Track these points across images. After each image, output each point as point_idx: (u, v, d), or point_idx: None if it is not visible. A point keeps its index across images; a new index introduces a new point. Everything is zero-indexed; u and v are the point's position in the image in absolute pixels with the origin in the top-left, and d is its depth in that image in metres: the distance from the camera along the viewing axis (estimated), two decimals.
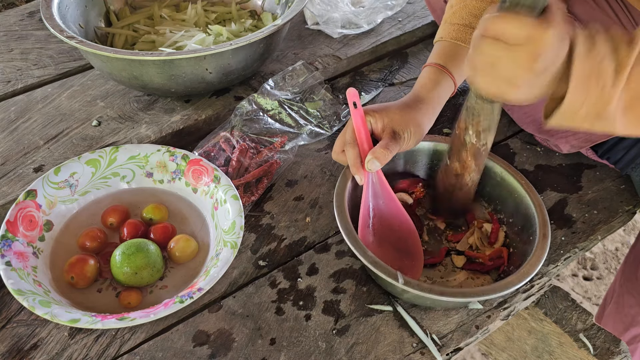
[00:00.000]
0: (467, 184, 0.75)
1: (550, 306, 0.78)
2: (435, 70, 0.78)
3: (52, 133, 0.93)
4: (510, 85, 0.55)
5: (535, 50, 0.52)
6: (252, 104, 0.97)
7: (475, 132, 0.68)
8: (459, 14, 0.80)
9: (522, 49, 0.52)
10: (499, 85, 0.56)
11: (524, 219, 0.75)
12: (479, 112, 0.66)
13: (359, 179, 0.73)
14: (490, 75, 0.56)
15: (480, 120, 0.66)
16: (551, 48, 0.52)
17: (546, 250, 0.69)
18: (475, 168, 0.73)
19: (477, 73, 0.57)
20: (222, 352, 0.68)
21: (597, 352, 0.74)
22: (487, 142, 0.70)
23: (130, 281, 0.71)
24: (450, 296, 0.64)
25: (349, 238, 0.69)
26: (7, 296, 0.73)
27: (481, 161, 0.73)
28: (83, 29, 1.03)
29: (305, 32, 1.17)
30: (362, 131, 0.72)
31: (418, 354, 0.69)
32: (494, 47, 0.53)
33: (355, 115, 0.72)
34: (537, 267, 0.67)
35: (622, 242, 1.67)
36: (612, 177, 0.92)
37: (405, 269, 0.73)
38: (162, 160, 0.84)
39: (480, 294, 0.65)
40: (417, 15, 1.22)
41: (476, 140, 0.69)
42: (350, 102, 0.72)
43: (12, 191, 0.83)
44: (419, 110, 0.75)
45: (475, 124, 0.67)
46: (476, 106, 0.66)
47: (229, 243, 0.73)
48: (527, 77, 0.54)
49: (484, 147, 0.70)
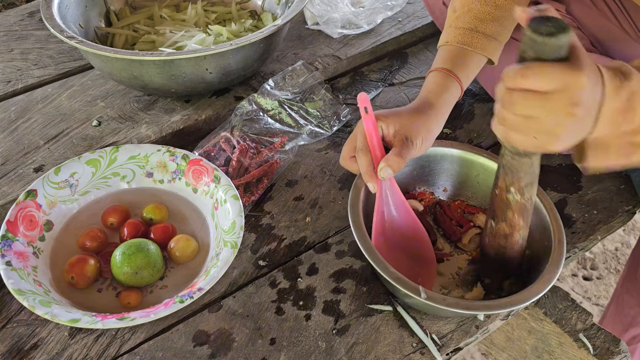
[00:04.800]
0: (519, 243, 0.70)
1: (550, 306, 0.78)
2: (443, 75, 0.78)
3: (52, 133, 0.93)
4: (551, 136, 0.52)
5: (573, 96, 0.49)
6: (252, 104, 0.97)
7: (518, 189, 0.63)
8: (464, 18, 0.79)
9: (560, 97, 0.49)
10: (539, 138, 0.53)
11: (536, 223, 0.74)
12: (517, 168, 0.61)
13: (371, 187, 0.72)
14: (528, 130, 0.52)
15: (520, 176, 0.62)
16: (588, 91, 0.50)
17: (563, 255, 0.68)
18: (523, 225, 0.68)
19: (512, 130, 0.54)
20: (222, 352, 0.68)
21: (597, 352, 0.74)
22: (532, 196, 0.65)
23: (130, 281, 0.71)
24: (476, 310, 0.63)
25: (369, 254, 0.67)
26: (7, 296, 0.73)
27: (528, 216, 0.68)
28: (83, 29, 1.03)
29: (305, 32, 1.17)
30: (374, 137, 0.70)
31: (418, 354, 0.69)
32: (527, 100, 0.50)
33: (367, 121, 0.69)
34: (557, 273, 0.66)
35: (622, 242, 1.67)
36: (611, 177, 0.92)
37: (419, 276, 0.72)
38: (162, 160, 0.84)
39: (506, 305, 0.64)
40: (417, 15, 1.22)
41: (520, 197, 0.64)
42: (361, 107, 0.69)
43: (12, 191, 0.83)
44: (429, 116, 0.74)
45: (517, 181, 0.62)
46: (513, 162, 0.61)
47: (229, 243, 0.73)
48: (567, 125, 0.51)
49: (529, 202, 0.66)
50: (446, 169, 0.83)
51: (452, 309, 0.63)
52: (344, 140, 0.97)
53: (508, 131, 0.54)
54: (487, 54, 0.79)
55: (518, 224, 0.68)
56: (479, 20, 0.78)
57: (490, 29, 0.78)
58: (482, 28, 0.78)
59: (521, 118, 0.52)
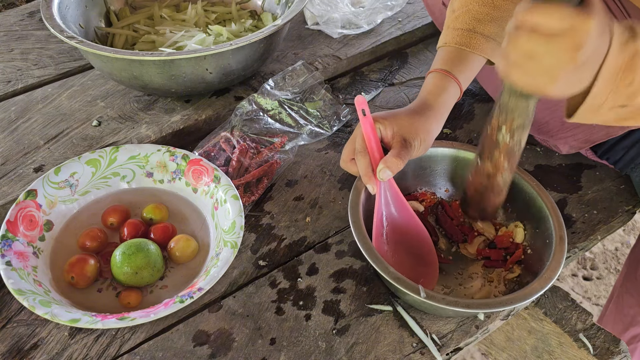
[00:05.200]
0: (500, 185, 0.72)
1: (550, 306, 0.78)
2: (441, 76, 0.78)
3: (52, 133, 0.93)
4: (550, 77, 0.53)
5: (577, 41, 0.49)
6: (252, 104, 0.97)
7: (509, 130, 0.64)
8: (462, 19, 0.79)
9: (563, 40, 0.49)
10: (537, 79, 0.53)
11: (537, 221, 0.74)
12: (513, 109, 0.62)
13: (371, 189, 0.72)
14: (528, 68, 0.53)
15: (514, 117, 0.63)
16: (593, 38, 0.50)
17: (564, 253, 0.69)
18: (508, 168, 0.69)
19: (513, 67, 0.54)
20: (222, 352, 0.68)
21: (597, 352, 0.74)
22: (522, 141, 0.66)
23: (130, 281, 0.72)
24: (476, 308, 0.64)
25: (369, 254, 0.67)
26: (7, 296, 0.73)
27: (515, 161, 0.69)
28: (83, 29, 1.03)
29: (305, 32, 1.17)
30: (372, 139, 0.71)
31: (418, 354, 0.69)
32: (532, 39, 0.50)
33: (364, 123, 0.70)
34: (558, 271, 0.67)
35: (622, 242, 1.67)
36: (611, 177, 0.93)
37: (421, 277, 0.73)
38: (162, 160, 0.84)
39: (507, 303, 0.64)
40: (417, 15, 1.22)
41: (510, 139, 0.65)
42: (359, 109, 0.70)
43: (12, 191, 0.83)
44: (427, 118, 0.75)
45: (509, 122, 0.64)
46: (510, 103, 0.62)
47: (229, 243, 0.73)
48: (567, 68, 0.52)
49: (517, 146, 0.67)
50: (447, 170, 0.83)
51: (451, 308, 0.63)
52: (344, 140, 0.97)
53: (509, 67, 0.54)
54: (486, 55, 0.79)
55: (502, 166, 0.69)
56: (477, 21, 0.78)
57: (489, 29, 0.78)
58: (480, 29, 0.78)
59: (523, 55, 0.52)
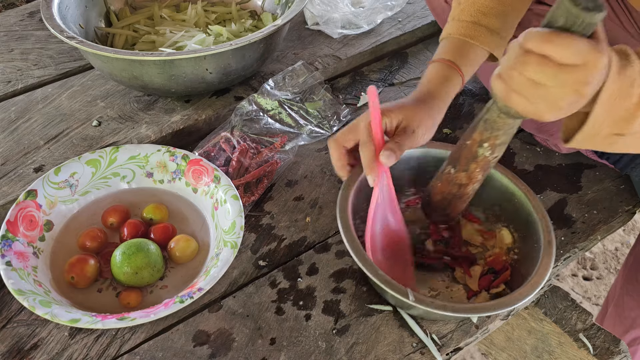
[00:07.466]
0: (469, 194, 0.72)
1: (550, 306, 0.78)
2: (444, 67, 0.77)
3: (53, 133, 0.93)
4: (551, 106, 0.52)
5: (587, 76, 0.49)
6: (252, 104, 0.97)
7: (491, 146, 0.64)
8: (467, 11, 0.79)
9: (574, 74, 0.49)
10: (539, 106, 0.52)
11: (526, 225, 0.74)
12: (499, 127, 0.61)
13: (371, 180, 0.70)
14: (531, 95, 0.52)
15: (499, 135, 0.63)
16: (602, 73, 0.50)
17: (553, 257, 0.68)
18: (480, 179, 0.70)
19: (514, 90, 0.52)
20: (222, 352, 0.68)
21: (597, 352, 0.74)
22: (499, 155, 0.67)
23: (130, 281, 0.72)
24: (464, 312, 0.64)
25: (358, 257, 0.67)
26: (8, 296, 0.73)
27: (487, 173, 0.70)
28: (83, 29, 1.03)
29: (305, 32, 1.17)
30: (379, 132, 0.69)
31: (418, 354, 0.69)
32: (542, 66, 0.49)
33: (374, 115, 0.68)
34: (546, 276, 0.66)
35: (622, 242, 1.67)
36: (611, 177, 0.93)
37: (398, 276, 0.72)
38: (162, 160, 0.84)
39: (494, 307, 0.64)
40: (417, 15, 1.22)
41: (490, 154, 0.66)
42: (370, 100, 0.67)
43: (12, 191, 0.83)
44: (432, 106, 0.74)
45: (493, 138, 0.63)
46: (498, 120, 0.61)
47: (229, 243, 0.73)
48: (571, 100, 0.51)
49: (495, 161, 0.67)
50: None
51: (439, 312, 0.63)
52: None
53: (510, 91, 0.53)
54: (489, 48, 0.78)
55: (476, 178, 0.69)
56: (482, 14, 0.78)
57: (493, 23, 0.78)
58: (485, 22, 0.78)
59: (529, 82, 0.51)
